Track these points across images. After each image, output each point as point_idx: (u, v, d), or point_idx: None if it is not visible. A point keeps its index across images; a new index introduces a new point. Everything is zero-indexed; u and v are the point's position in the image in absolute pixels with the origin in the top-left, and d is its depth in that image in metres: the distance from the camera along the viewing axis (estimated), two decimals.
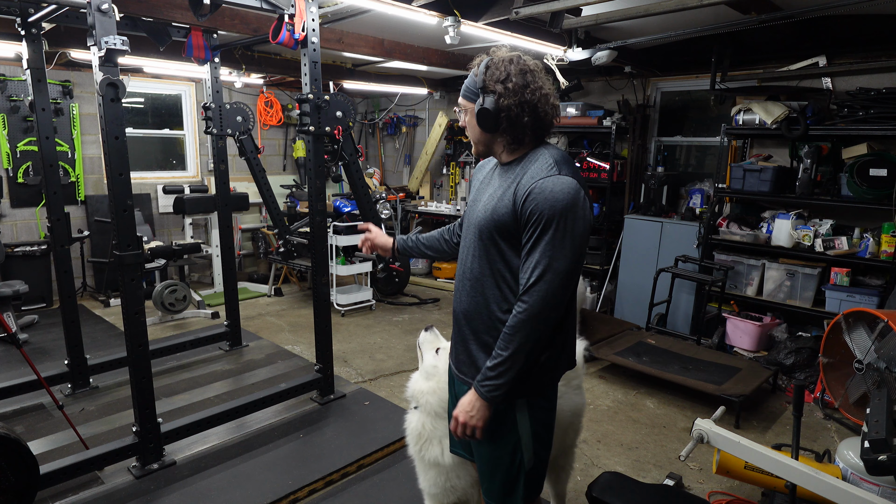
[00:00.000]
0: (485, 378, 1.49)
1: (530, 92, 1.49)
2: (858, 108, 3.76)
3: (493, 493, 1.67)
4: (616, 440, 3.21)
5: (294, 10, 2.79)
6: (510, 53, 1.53)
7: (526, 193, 1.44)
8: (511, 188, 1.49)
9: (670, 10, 3.10)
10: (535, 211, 1.42)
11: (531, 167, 1.50)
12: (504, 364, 1.46)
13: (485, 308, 1.57)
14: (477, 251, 1.58)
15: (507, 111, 1.48)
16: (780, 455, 1.90)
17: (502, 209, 1.49)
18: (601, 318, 4.94)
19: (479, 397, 1.50)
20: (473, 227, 1.59)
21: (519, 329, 1.44)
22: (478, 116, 1.52)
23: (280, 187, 6.70)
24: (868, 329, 2.86)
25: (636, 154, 5.33)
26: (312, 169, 3.16)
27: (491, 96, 1.49)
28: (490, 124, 1.52)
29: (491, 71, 1.50)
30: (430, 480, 2.01)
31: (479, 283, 1.57)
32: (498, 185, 1.56)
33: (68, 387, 3.52)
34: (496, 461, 1.63)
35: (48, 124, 3.18)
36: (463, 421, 1.53)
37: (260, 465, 2.78)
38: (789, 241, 4.12)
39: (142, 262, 2.53)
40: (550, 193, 1.42)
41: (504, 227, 1.50)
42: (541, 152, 1.53)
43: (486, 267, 1.56)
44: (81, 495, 2.52)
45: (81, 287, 5.76)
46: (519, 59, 1.51)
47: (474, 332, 1.61)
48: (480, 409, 1.51)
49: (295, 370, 4.01)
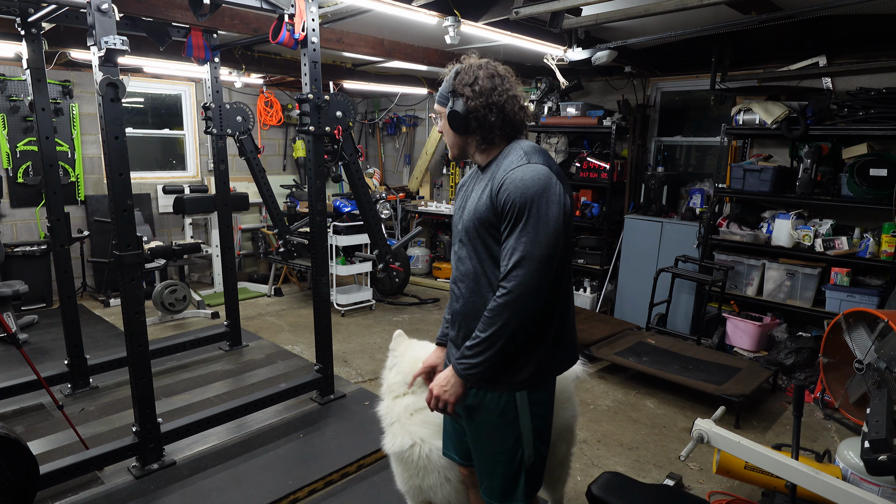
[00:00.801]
0: (462, 356, 1.55)
1: (497, 94, 1.55)
2: (858, 108, 3.76)
3: (494, 491, 1.67)
4: (616, 440, 3.21)
5: (294, 10, 2.79)
6: (480, 60, 1.62)
7: (499, 185, 1.50)
8: (488, 185, 1.56)
9: (670, 10, 3.10)
10: (508, 200, 1.47)
11: (504, 162, 1.56)
12: (481, 345, 1.51)
13: (482, 307, 1.59)
14: (467, 252, 1.62)
15: (476, 112, 1.55)
16: (780, 455, 1.90)
17: (482, 207, 1.55)
18: (601, 318, 4.94)
19: (455, 374, 1.57)
20: (462, 231, 1.64)
21: (498, 313, 1.48)
22: (448, 118, 1.60)
23: (280, 187, 6.70)
24: (868, 329, 2.86)
25: (636, 154, 5.33)
26: (312, 169, 3.16)
27: (460, 99, 1.57)
28: (460, 126, 1.59)
29: (460, 76, 1.59)
30: (398, 476, 2.07)
31: (474, 284, 1.61)
32: (477, 186, 1.63)
33: (68, 387, 3.52)
34: (497, 458, 1.64)
35: (48, 124, 3.18)
36: (436, 394, 1.60)
37: (260, 465, 2.78)
38: (789, 241, 4.12)
39: (142, 262, 2.53)
40: (521, 181, 1.47)
41: (487, 223, 1.54)
42: (512, 147, 1.60)
43: (477, 266, 1.60)
44: (81, 495, 2.52)
45: (81, 287, 5.76)
46: (488, 65, 1.60)
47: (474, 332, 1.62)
48: (455, 385, 1.58)
49: (295, 370, 4.01)
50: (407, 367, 2.04)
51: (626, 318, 5.10)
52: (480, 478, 1.71)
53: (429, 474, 1.97)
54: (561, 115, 5.44)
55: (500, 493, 1.67)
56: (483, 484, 1.71)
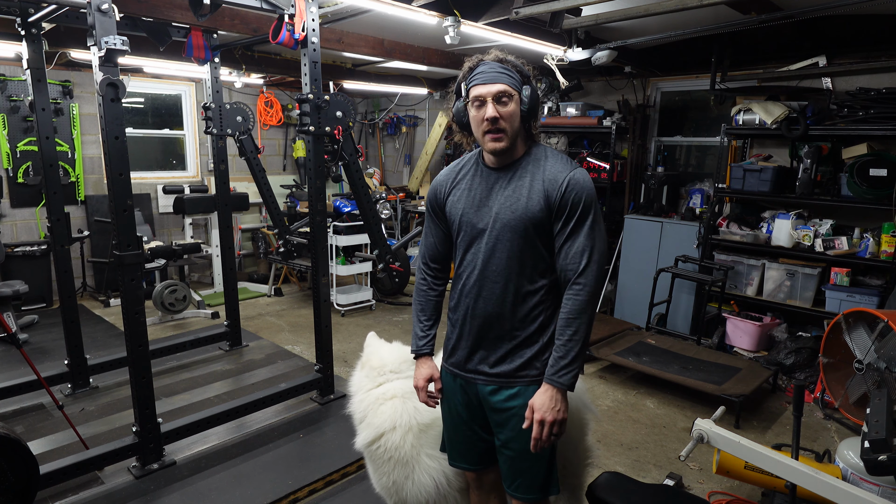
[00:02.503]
0: (560, 368, 1.54)
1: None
2: (858, 108, 3.76)
3: (535, 485, 1.67)
4: (616, 440, 3.21)
5: (294, 10, 2.79)
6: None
7: (563, 186, 1.55)
8: (536, 185, 1.58)
9: (670, 10, 3.10)
10: (577, 200, 1.54)
11: (547, 163, 1.60)
12: (575, 348, 1.54)
13: (521, 304, 1.61)
14: (506, 251, 1.60)
15: (540, 99, 1.64)
16: (780, 455, 1.89)
17: (535, 206, 1.56)
18: (601, 318, 4.94)
19: (559, 389, 1.54)
20: (500, 230, 1.60)
21: (582, 311, 1.54)
22: (532, 101, 1.59)
23: (280, 187, 6.70)
24: (868, 329, 2.86)
25: (636, 154, 5.33)
26: (312, 169, 3.16)
27: (530, 86, 1.60)
28: (535, 112, 1.62)
29: (523, 66, 1.62)
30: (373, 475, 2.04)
31: (511, 282, 1.61)
32: (514, 185, 1.61)
33: (68, 387, 3.52)
34: (540, 451, 1.61)
35: (48, 124, 3.18)
36: (552, 419, 1.53)
37: (260, 465, 2.78)
38: (789, 241, 4.12)
39: (142, 262, 2.53)
40: (585, 183, 1.56)
41: (538, 222, 1.57)
42: (543, 149, 1.65)
43: (517, 264, 1.60)
44: (81, 495, 2.52)
45: (81, 287, 5.75)
46: None
47: (510, 330, 1.63)
48: (562, 400, 1.55)
49: (295, 370, 4.01)
50: (376, 363, 2.06)
51: (626, 318, 5.10)
52: (521, 476, 1.68)
53: (400, 467, 1.92)
54: (561, 115, 5.44)
55: (543, 484, 1.67)
56: (525, 480, 1.67)
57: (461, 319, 1.70)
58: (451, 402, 1.79)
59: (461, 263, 1.71)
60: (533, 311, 1.62)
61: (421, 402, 1.82)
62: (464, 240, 1.69)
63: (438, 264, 1.83)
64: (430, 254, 1.83)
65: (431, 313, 1.84)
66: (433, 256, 1.83)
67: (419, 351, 1.80)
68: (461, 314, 1.70)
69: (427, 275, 1.85)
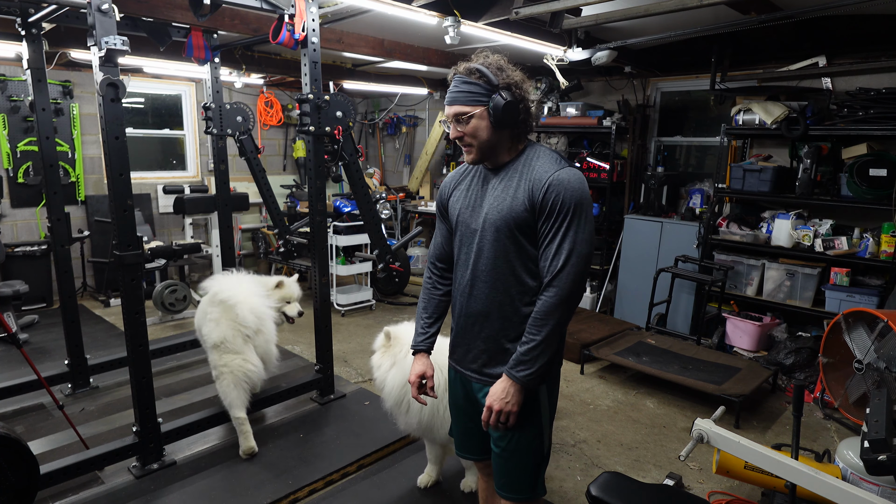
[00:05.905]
0: (518, 363, 1.55)
1: (525, 91, 1.58)
2: (858, 108, 3.76)
3: (522, 484, 1.69)
4: (616, 440, 3.21)
5: (294, 11, 2.79)
6: (498, 56, 1.60)
7: (545, 186, 1.52)
8: (522, 185, 1.57)
9: (670, 10, 3.10)
10: (557, 200, 1.51)
11: (537, 163, 1.58)
12: (538, 348, 1.53)
13: (508, 304, 1.62)
14: (493, 251, 1.61)
15: (522, 103, 1.56)
16: (780, 455, 1.89)
17: (519, 206, 1.56)
18: (601, 318, 4.94)
19: (514, 382, 1.55)
20: (487, 230, 1.61)
21: (551, 313, 1.52)
22: (503, 110, 1.53)
23: (280, 187, 6.70)
24: (868, 329, 2.86)
25: (636, 154, 5.33)
26: (312, 169, 3.16)
27: (506, 92, 1.54)
28: (508, 119, 1.55)
29: (504, 71, 1.57)
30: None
31: (500, 282, 1.62)
32: (503, 185, 1.61)
33: (68, 387, 3.52)
34: (524, 451, 1.66)
35: (48, 124, 3.18)
36: (498, 408, 1.57)
37: (260, 465, 2.78)
38: (789, 241, 4.12)
39: (142, 262, 2.53)
40: (569, 184, 1.52)
41: (522, 222, 1.56)
42: (537, 149, 1.62)
43: (504, 265, 1.61)
44: (81, 495, 2.52)
45: (81, 287, 5.76)
46: (507, 62, 1.59)
47: (500, 330, 1.65)
48: (515, 394, 1.56)
49: (295, 370, 4.01)
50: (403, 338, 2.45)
51: (626, 318, 5.10)
52: (506, 475, 1.71)
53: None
54: (561, 116, 5.44)
55: (529, 484, 1.69)
56: (510, 478, 1.70)
57: (456, 318, 1.75)
58: (455, 395, 1.84)
59: (457, 263, 1.74)
60: (523, 311, 1.62)
61: (412, 397, 1.86)
62: (459, 239, 1.72)
63: (444, 263, 1.84)
64: (436, 252, 1.85)
65: (433, 311, 1.85)
66: (439, 255, 1.84)
67: (416, 347, 1.84)
68: (456, 313, 1.75)
69: (433, 273, 1.87)
